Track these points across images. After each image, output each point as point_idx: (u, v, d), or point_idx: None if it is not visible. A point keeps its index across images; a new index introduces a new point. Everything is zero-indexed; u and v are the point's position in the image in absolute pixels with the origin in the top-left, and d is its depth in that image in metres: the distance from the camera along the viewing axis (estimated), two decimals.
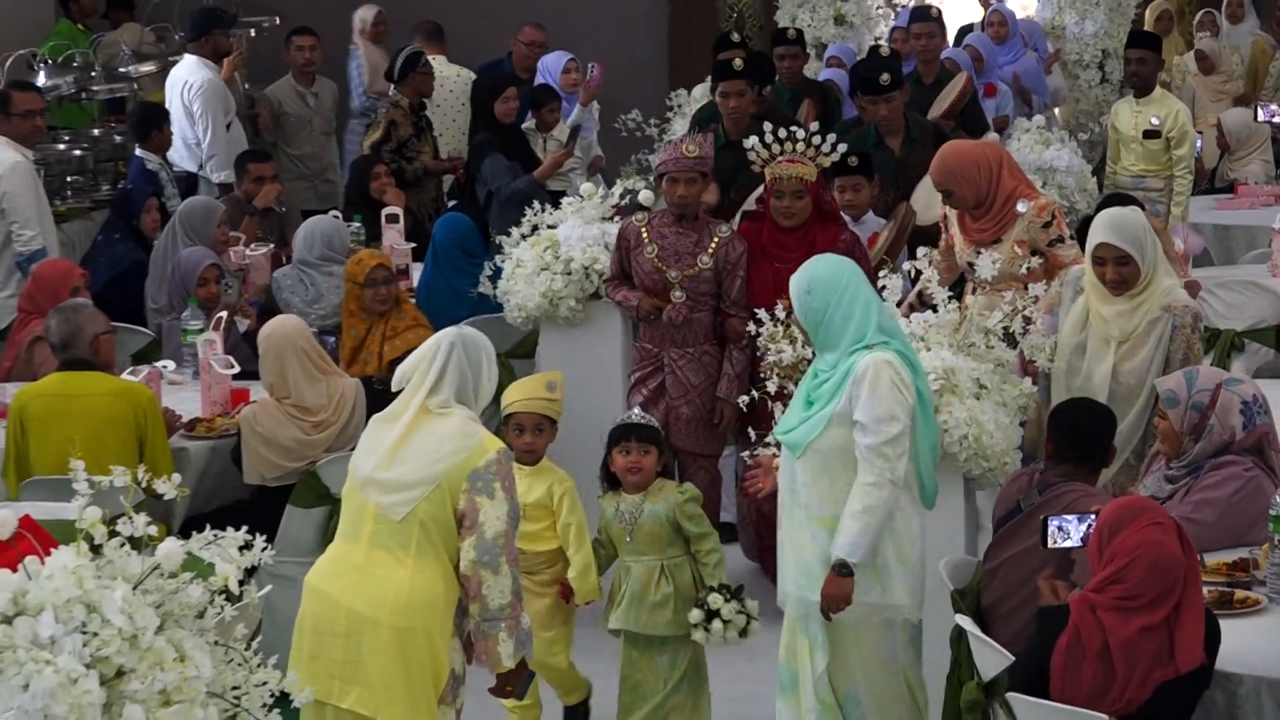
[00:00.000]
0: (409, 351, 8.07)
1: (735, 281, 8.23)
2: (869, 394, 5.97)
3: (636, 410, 7.08)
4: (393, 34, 14.27)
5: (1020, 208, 7.90)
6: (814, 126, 8.27)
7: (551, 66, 13.04)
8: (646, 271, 8.29)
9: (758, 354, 7.66)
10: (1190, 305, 7.05)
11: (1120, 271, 7.01)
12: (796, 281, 6.22)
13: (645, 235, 8.31)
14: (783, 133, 8.15)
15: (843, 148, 8.32)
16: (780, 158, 8.16)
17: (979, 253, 7.88)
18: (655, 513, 6.74)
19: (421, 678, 5.55)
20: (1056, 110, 13.83)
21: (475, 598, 5.56)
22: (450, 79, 13.37)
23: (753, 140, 8.24)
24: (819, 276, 6.19)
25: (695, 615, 6.65)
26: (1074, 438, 6.18)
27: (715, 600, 6.63)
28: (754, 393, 7.39)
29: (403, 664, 5.51)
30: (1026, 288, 7.54)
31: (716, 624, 6.62)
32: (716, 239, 8.25)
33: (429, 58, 12.62)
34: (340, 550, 5.73)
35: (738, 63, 9.74)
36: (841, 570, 5.97)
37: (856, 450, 5.99)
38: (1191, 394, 6.37)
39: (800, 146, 8.16)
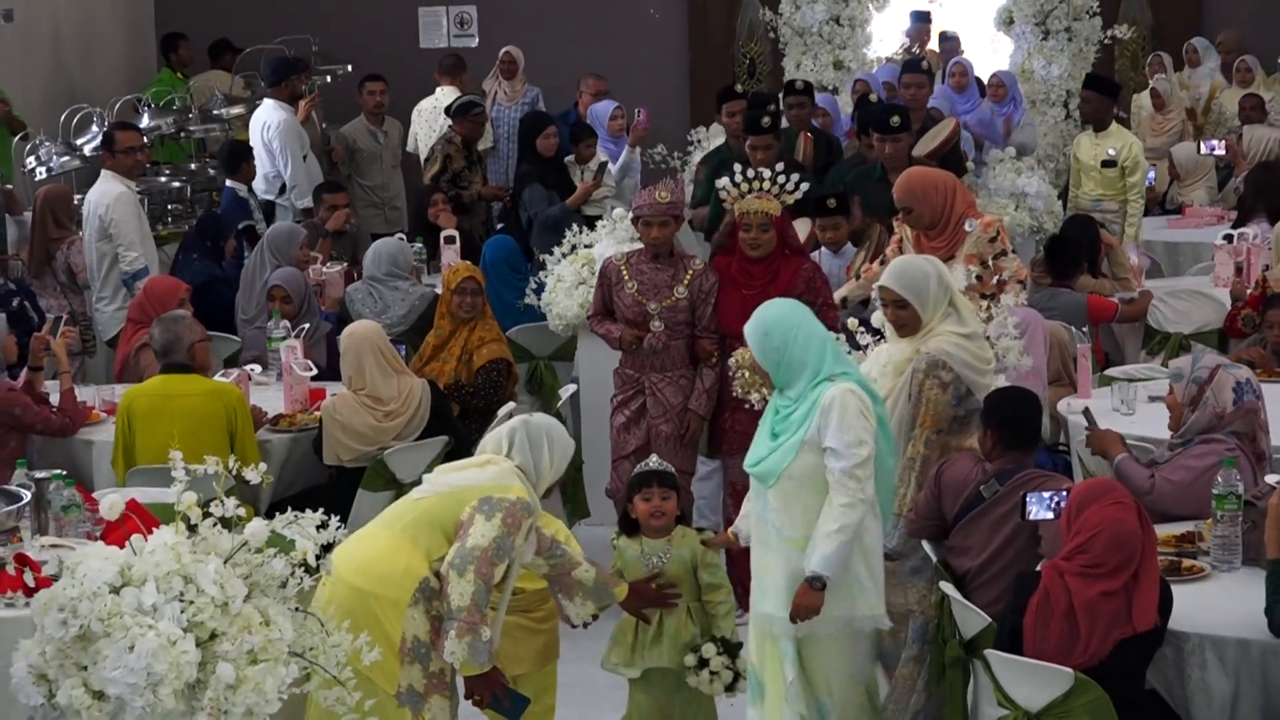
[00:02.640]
0: (493, 359, 8.39)
1: (707, 309, 8.02)
2: (838, 422, 5.76)
3: (654, 458, 6.58)
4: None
5: (967, 226, 7.83)
6: (780, 166, 8.00)
7: (600, 114, 13.09)
8: (628, 305, 8.06)
9: (730, 374, 7.42)
10: (933, 354, 6.47)
11: (898, 315, 6.62)
12: (753, 326, 6.00)
13: (625, 273, 8.09)
14: (750, 173, 7.91)
15: (805, 186, 8.05)
16: (748, 195, 7.92)
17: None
18: (681, 558, 6.26)
19: (374, 634, 5.37)
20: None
21: (443, 595, 5.50)
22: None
23: (724, 180, 8.01)
24: (775, 318, 5.97)
25: (690, 659, 6.24)
26: (1012, 427, 6.13)
27: (708, 650, 6.19)
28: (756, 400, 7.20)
29: (352, 619, 5.34)
30: (983, 296, 7.51)
31: (705, 673, 6.21)
32: (691, 272, 8.04)
33: (444, 88, 12.63)
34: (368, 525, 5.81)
35: (766, 121, 9.70)
36: (815, 584, 5.77)
37: (829, 474, 5.78)
38: (1194, 370, 6.41)
39: (766, 185, 7.90)
